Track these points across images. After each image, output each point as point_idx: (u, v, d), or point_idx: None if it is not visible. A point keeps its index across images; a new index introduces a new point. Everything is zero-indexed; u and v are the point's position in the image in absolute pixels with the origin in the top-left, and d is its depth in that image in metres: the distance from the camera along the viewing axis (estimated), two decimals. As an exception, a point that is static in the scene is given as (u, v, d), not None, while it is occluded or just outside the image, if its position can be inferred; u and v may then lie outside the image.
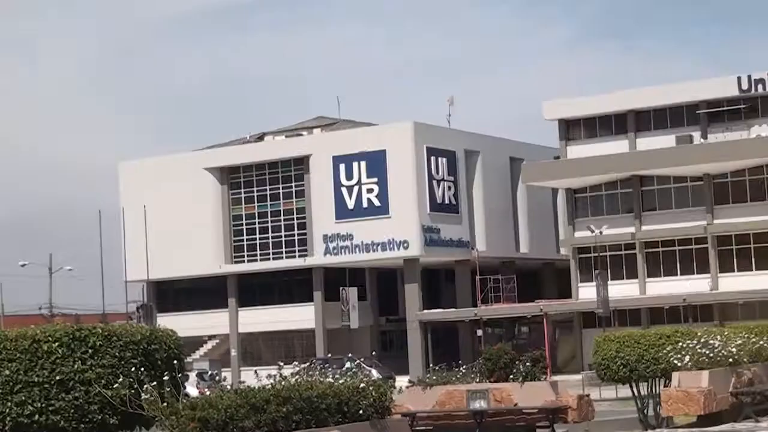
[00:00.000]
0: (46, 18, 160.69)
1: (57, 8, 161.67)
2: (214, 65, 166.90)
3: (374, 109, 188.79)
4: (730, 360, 25.60)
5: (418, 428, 23.11)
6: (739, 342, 26.48)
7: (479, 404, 24.43)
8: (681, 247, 70.52)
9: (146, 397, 13.31)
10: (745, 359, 26.21)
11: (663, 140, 70.53)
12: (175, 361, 15.13)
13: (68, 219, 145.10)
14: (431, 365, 44.65)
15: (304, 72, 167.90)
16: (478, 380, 25.74)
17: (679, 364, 24.89)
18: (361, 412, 15.25)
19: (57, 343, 14.01)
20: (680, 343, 25.50)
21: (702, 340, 25.67)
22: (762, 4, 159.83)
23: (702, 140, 69.59)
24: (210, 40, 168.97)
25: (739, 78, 69.19)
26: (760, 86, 68.44)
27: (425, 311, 73.97)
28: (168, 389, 13.42)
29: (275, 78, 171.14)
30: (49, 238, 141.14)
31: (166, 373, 14.22)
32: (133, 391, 13.64)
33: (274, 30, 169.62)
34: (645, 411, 26.12)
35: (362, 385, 15.80)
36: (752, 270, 68.74)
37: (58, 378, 13.78)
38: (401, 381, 32.76)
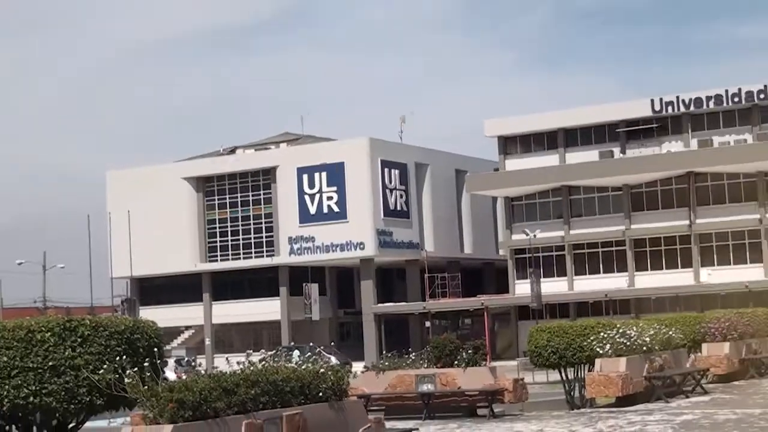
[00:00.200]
0: (46, 38, 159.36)
1: (58, 28, 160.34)
2: (191, 87, 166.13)
3: (334, 126, 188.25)
4: (644, 348, 25.84)
5: (372, 408, 23.03)
6: (652, 332, 26.72)
7: (427, 387, 24.70)
8: (603, 249, 70.61)
9: (129, 381, 13.28)
10: (656, 347, 26.45)
11: (588, 155, 70.62)
12: (155, 349, 15.11)
13: (61, 222, 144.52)
14: (384, 353, 45.35)
15: (271, 93, 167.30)
16: (426, 366, 25.78)
17: (600, 352, 25.05)
18: (321, 394, 15.28)
19: (49, 333, 13.93)
20: (602, 334, 25.62)
21: (620, 330, 25.86)
22: (671, 38, 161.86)
23: (621, 155, 69.73)
24: (188, 64, 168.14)
25: (652, 100, 69.32)
26: (669, 108, 68.60)
27: (379, 305, 73.60)
28: (149, 374, 13.39)
29: (246, 98, 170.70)
30: (43, 239, 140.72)
31: (147, 359, 14.16)
32: (117, 375, 13.61)
33: (244, 56, 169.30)
34: (572, 393, 26.15)
35: (322, 370, 15.79)
36: (663, 269, 68.79)
37: (50, 364, 13.70)
38: (357, 367, 32.78)
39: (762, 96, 66.44)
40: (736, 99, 67.27)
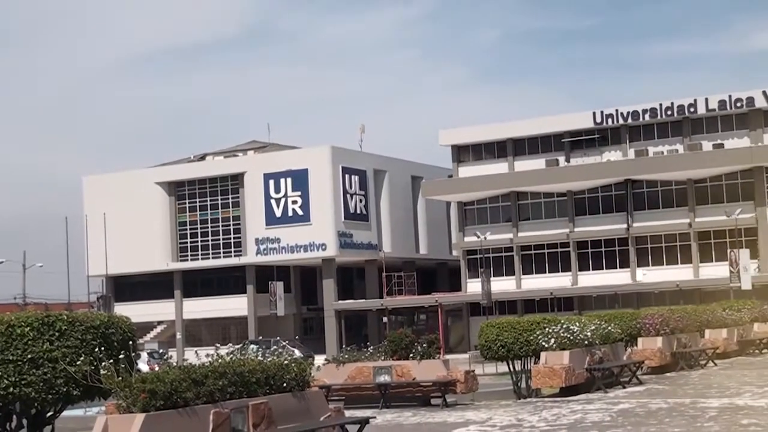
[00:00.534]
0: (26, 49, 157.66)
1: (38, 39, 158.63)
2: (164, 99, 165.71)
3: (299, 135, 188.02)
4: (586, 342, 25.80)
5: (332, 398, 22.84)
6: (593, 328, 26.66)
7: (384, 378, 24.55)
8: (548, 251, 70.66)
9: (104, 372, 13.21)
10: (597, 341, 26.40)
11: (535, 163, 70.72)
12: (129, 343, 15.09)
13: (40, 224, 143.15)
14: (344, 346, 45.32)
15: (240, 103, 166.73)
16: (383, 358, 25.63)
17: (546, 346, 25.02)
18: (285, 384, 15.24)
19: (29, 327, 13.83)
20: (547, 329, 25.58)
21: (564, 326, 25.78)
22: (613, 55, 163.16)
23: (566, 163, 69.80)
24: (162, 78, 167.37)
25: (594, 113, 69.54)
26: (609, 120, 68.85)
27: (340, 302, 73.38)
28: (122, 366, 13.33)
29: (216, 108, 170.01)
30: (24, 240, 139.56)
31: (121, 352, 14.08)
32: (93, 367, 13.54)
33: (213, 70, 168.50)
34: (519, 384, 26.08)
35: (286, 362, 15.74)
36: (603, 269, 68.77)
37: (29, 356, 13.60)
38: (319, 359, 32.53)
39: (692, 110, 66.90)
40: (668, 112, 67.57)
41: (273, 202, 75.14)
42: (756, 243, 64.20)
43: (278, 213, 75.00)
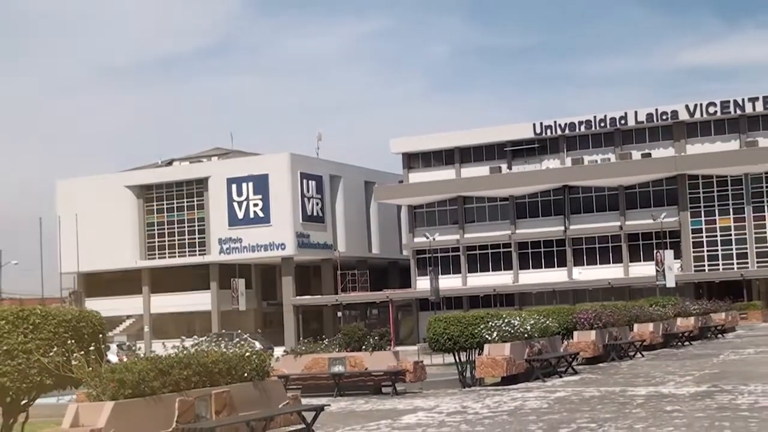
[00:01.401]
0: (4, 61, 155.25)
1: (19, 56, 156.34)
2: (136, 107, 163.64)
3: (260, 142, 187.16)
4: (526, 335, 25.62)
5: (290, 387, 22.35)
6: (532, 322, 26.49)
7: (338, 368, 24.39)
8: (492, 251, 71.25)
9: (75, 363, 13.01)
10: (536, 334, 26.09)
11: (480, 170, 71.41)
12: (99, 335, 14.73)
13: (15, 225, 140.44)
14: (301, 339, 43.99)
15: (205, 112, 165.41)
16: (337, 350, 25.22)
17: (489, 338, 24.80)
18: (246, 374, 15.04)
19: (4, 321, 13.62)
20: (490, 323, 25.39)
21: (506, 320, 25.66)
22: (552, 70, 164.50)
23: (508, 170, 70.43)
24: (133, 87, 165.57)
25: (534, 124, 70.49)
26: (548, 130, 69.92)
27: (297, 297, 73.40)
28: (93, 357, 13.17)
29: (183, 116, 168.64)
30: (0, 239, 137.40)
31: (91, 344, 13.88)
32: (65, 358, 13.31)
33: (182, 79, 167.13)
34: (464, 374, 25.60)
35: (247, 354, 15.53)
36: (542, 268, 69.52)
37: (4, 348, 13.37)
38: (278, 351, 32.29)
39: (623, 122, 68.01)
40: (602, 124, 68.54)
41: (235, 204, 74.97)
42: (679, 244, 65.49)
43: (240, 215, 74.93)
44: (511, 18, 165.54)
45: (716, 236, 65.96)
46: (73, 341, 13.84)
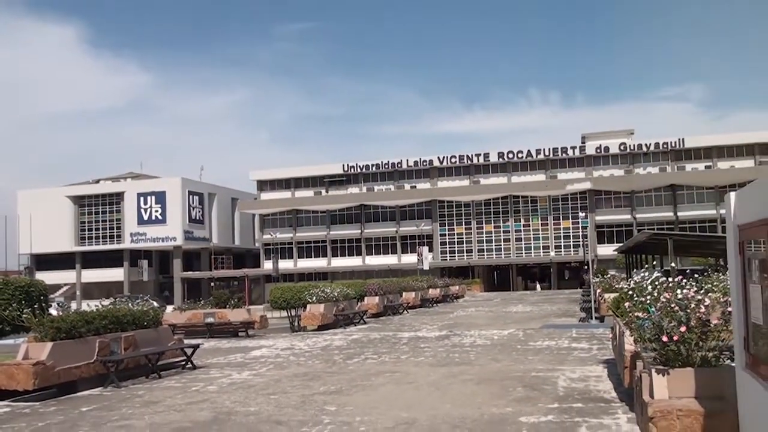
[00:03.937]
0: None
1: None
2: (76, 140, 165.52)
3: (162, 168, 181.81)
4: (334, 299, 25.69)
5: (177, 333, 21.32)
6: (339, 290, 26.61)
7: (209, 320, 23.60)
8: (314, 245, 74.00)
9: (26, 316, 12.53)
10: (341, 298, 26.38)
11: (307, 193, 74.52)
12: (42, 297, 14.86)
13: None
14: (186, 300, 46.82)
15: (124, 147, 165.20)
16: (210, 308, 24.60)
17: (310, 300, 24.77)
18: (145, 323, 14.37)
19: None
20: (311, 290, 25.14)
21: (321, 289, 25.62)
22: (354, 130, 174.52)
23: (326, 193, 73.43)
24: (74, 127, 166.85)
25: (343, 164, 73.19)
26: (352, 168, 72.56)
27: (184, 273, 73.91)
28: (39, 312, 12.70)
29: (107, 149, 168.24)
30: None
31: (38, 303, 13.91)
32: (19, 313, 12.99)
33: (108, 124, 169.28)
34: (293, 323, 24.96)
35: (146, 309, 14.92)
36: (347, 256, 71.80)
37: (-24, 305, 12.21)
38: (169, 308, 31.44)
39: (399, 165, 71.54)
40: (386, 165, 71.89)
41: (143, 210, 75.03)
42: (432, 243, 68.87)
43: (146, 217, 75.00)
44: (329, 95, 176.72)
45: (454, 238, 68.83)
46: (25, 301, 13.99)
